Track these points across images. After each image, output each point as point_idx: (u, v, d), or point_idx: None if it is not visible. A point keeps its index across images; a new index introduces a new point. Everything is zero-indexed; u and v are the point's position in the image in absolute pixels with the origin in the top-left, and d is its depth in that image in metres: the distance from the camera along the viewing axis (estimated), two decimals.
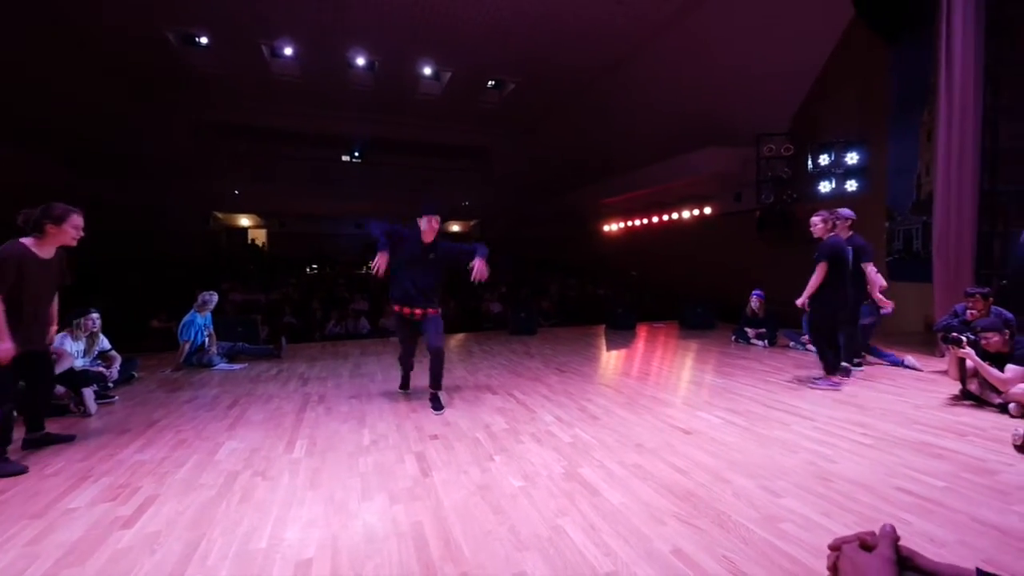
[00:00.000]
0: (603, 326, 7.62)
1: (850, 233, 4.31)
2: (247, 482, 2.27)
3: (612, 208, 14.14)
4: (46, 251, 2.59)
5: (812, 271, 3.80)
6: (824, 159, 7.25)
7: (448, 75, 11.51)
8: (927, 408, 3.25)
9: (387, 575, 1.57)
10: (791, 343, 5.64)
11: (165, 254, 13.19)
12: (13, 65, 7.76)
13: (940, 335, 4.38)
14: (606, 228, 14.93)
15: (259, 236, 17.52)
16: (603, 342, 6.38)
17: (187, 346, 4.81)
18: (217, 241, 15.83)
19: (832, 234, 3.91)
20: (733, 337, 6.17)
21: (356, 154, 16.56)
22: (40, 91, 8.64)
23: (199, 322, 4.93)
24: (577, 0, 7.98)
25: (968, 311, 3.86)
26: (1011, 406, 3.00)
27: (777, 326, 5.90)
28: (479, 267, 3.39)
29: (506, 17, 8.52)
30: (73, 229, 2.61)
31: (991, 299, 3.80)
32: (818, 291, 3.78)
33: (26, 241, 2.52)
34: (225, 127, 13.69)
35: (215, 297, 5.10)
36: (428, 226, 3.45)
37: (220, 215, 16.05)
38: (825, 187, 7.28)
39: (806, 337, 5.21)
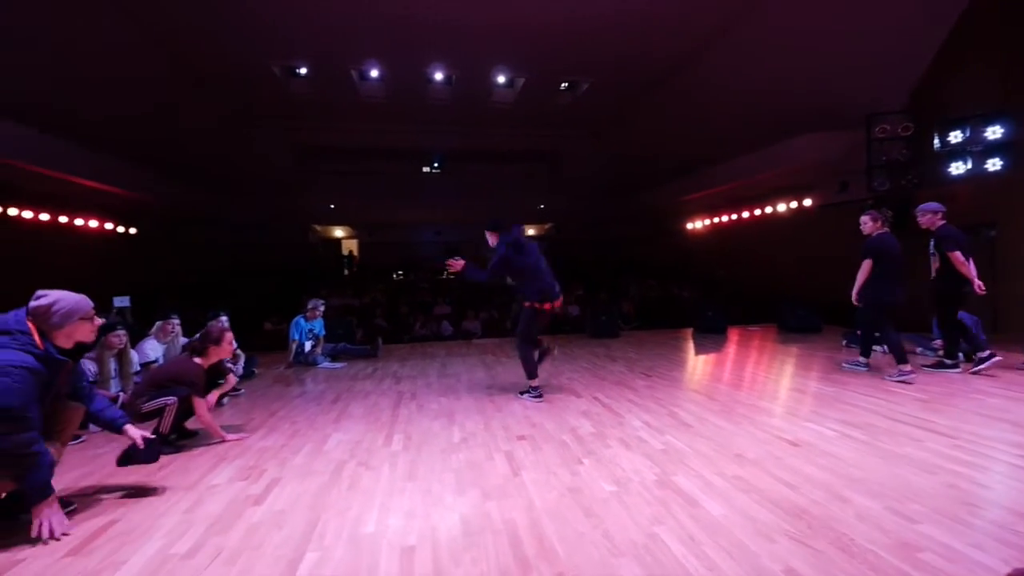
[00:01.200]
0: (690, 329, 7.24)
1: (942, 222, 4.14)
2: (353, 471, 2.47)
3: (694, 205, 13.42)
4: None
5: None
6: (956, 136, 6.29)
7: (521, 81, 11.69)
8: None
9: (484, 568, 1.62)
10: (918, 349, 4.95)
11: (271, 264, 14.80)
12: (160, 107, 9.19)
13: None
14: (689, 226, 14.20)
15: (351, 246, 19.00)
16: (691, 346, 6.07)
17: (295, 346, 5.36)
18: (315, 251, 17.43)
19: (881, 231, 4.19)
20: (844, 341, 5.56)
21: (435, 165, 17.37)
22: (173, 127, 10.15)
23: (304, 325, 5.46)
24: None
25: None
26: None
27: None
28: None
29: (578, 18, 8.45)
30: (228, 344, 3.13)
31: None
32: (866, 285, 4.10)
33: (199, 361, 3.04)
34: (320, 147, 15.07)
35: (321, 304, 5.61)
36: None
37: (318, 228, 17.66)
38: (958, 168, 6.31)
39: (938, 342, 4.56)
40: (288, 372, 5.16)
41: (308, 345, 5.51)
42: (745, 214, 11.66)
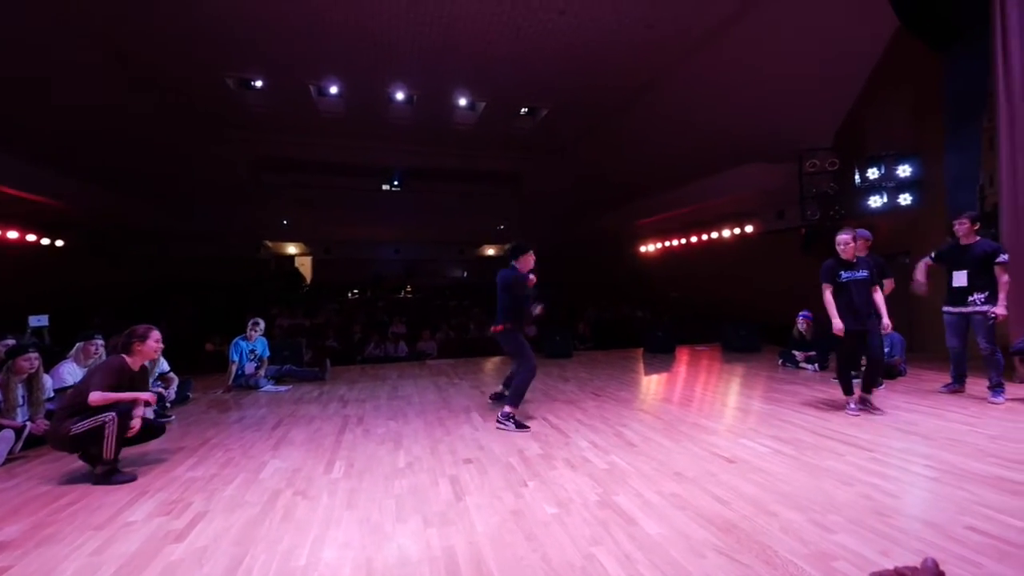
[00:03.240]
0: (641, 349, 7.45)
1: (867, 252, 4.15)
2: (288, 501, 2.35)
3: (649, 229, 13.99)
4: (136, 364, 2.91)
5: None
6: (873, 172, 6.94)
7: (483, 105, 11.93)
8: (1004, 439, 2.96)
9: None
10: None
11: (218, 281, 14.08)
12: (91, 110, 8.67)
13: (1019, 355, 4.03)
14: (643, 249, 14.74)
15: (305, 263, 18.40)
16: (641, 366, 6.23)
17: (234, 368, 5.10)
18: (266, 268, 16.76)
19: (866, 254, 3.90)
20: (780, 360, 5.88)
21: (395, 183, 17.26)
22: (119, 134, 9.60)
23: (244, 346, 5.21)
24: (606, 26, 8.13)
25: None
26: None
27: (828, 349, 5.57)
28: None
29: (537, 47, 8.79)
30: (155, 343, 2.93)
31: None
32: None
33: (126, 358, 2.85)
34: (276, 161, 14.66)
35: (260, 325, 5.37)
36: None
37: (270, 243, 17.03)
38: (876, 201, 6.93)
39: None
40: (227, 396, 4.88)
41: (251, 367, 5.25)
42: (694, 238, 12.26)
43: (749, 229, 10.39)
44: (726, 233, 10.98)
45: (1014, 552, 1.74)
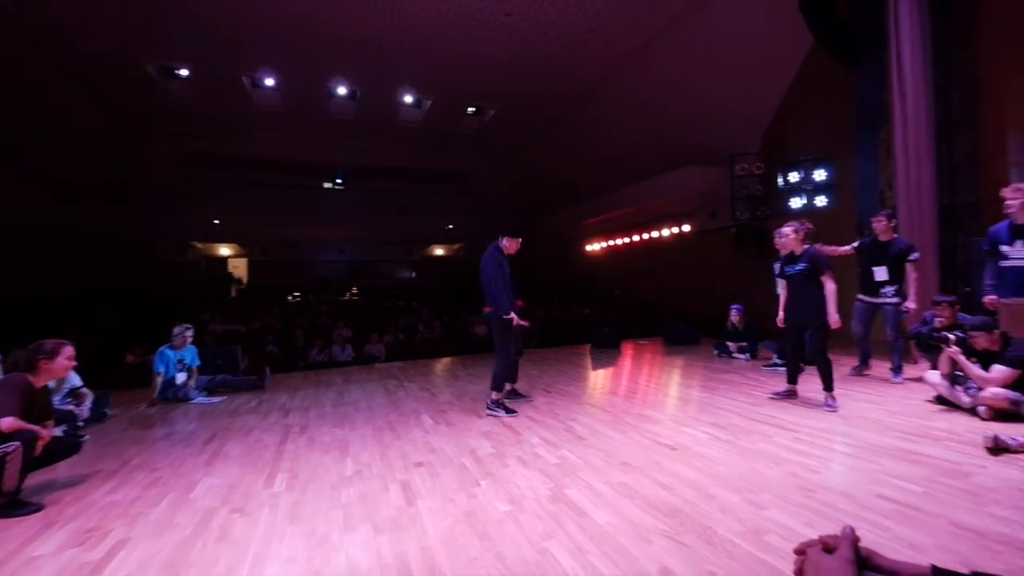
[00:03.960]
0: (588, 346, 7.65)
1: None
2: (224, 520, 2.20)
3: (594, 228, 14.38)
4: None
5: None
6: (794, 176, 7.54)
7: (428, 103, 11.76)
8: (903, 415, 3.32)
9: None
10: (775, 357, 5.73)
11: (142, 285, 12.91)
12: None
13: (914, 341, 4.52)
14: (589, 248, 15.14)
15: (240, 265, 17.29)
16: (589, 361, 6.40)
17: (159, 380, 4.69)
18: (196, 271, 15.56)
19: (808, 245, 3.93)
20: (715, 351, 6.26)
21: (338, 180, 16.62)
22: (19, 118, 8.55)
23: (171, 355, 4.81)
24: (552, 31, 8.29)
25: (936, 319, 3.99)
26: (981, 409, 3.09)
27: (758, 339, 6.00)
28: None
29: (484, 47, 8.79)
30: (66, 360, 2.69)
31: (957, 306, 3.96)
32: (801, 303, 3.80)
33: (29, 376, 2.58)
34: (205, 156, 13.65)
35: (189, 331, 4.98)
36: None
37: (199, 245, 15.84)
38: (796, 203, 7.54)
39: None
40: (151, 411, 4.49)
41: (180, 378, 4.85)
42: (636, 238, 12.75)
43: (686, 229, 10.96)
44: (665, 233, 11.52)
45: (915, 514, 1.96)
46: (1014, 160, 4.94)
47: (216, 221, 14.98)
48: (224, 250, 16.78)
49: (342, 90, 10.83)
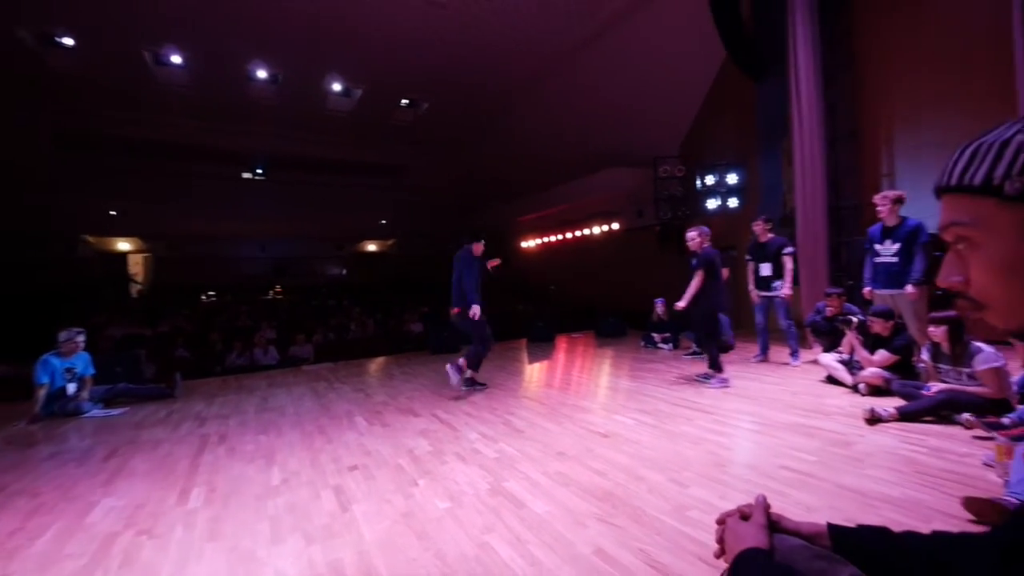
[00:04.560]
0: (524, 340, 7.78)
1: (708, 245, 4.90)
2: (129, 544, 1.99)
3: (528, 225, 14.63)
4: None
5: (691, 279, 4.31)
6: (710, 179, 8.16)
7: (359, 92, 11.28)
8: (802, 394, 3.74)
9: None
10: (694, 346, 6.19)
11: (15, 286, 11.20)
12: None
13: (810, 328, 5.08)
14: (524, 244, 15.37)
15: (142, 262, 15.53)
16: (525, 356, 6.52)
17: (42, 392, 4.11)
18: (88, 269, 13.77)
19: (708, 245, 4.43)
20: (642, 343, 6.63)
21: (259, 171, 15.46)
22: None
23: (57, 364, 4.24)
24: (486, 27, 8.28)
25: (827, 308, 4.53)
26: (861, 386, 3.56)
27: (680, 329, 6.44)
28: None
29: (416, 38, 8.59)
30: None
31: (844, 297, 4.52)
32: (698, 295, 4.24)
33: None
34: (98, 139, 12.08)
35: (80, 336, 4.41)
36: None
37: (92, 239, 14.03)
38: (712, 204, 8.17)
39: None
40: (34, 428, 3.92)
41: (71, 389, 4.28)
42: (569, 235, 13.14)
43: (615, 226, 11.47)
44: (596, 230, 11.98)
45: (810, 480, 2.22)
46: (885, 171, 5.71)
47: (112, 212, 13.34)
48: (123, 245, 14.98)
49: (262, 73, 10.07)
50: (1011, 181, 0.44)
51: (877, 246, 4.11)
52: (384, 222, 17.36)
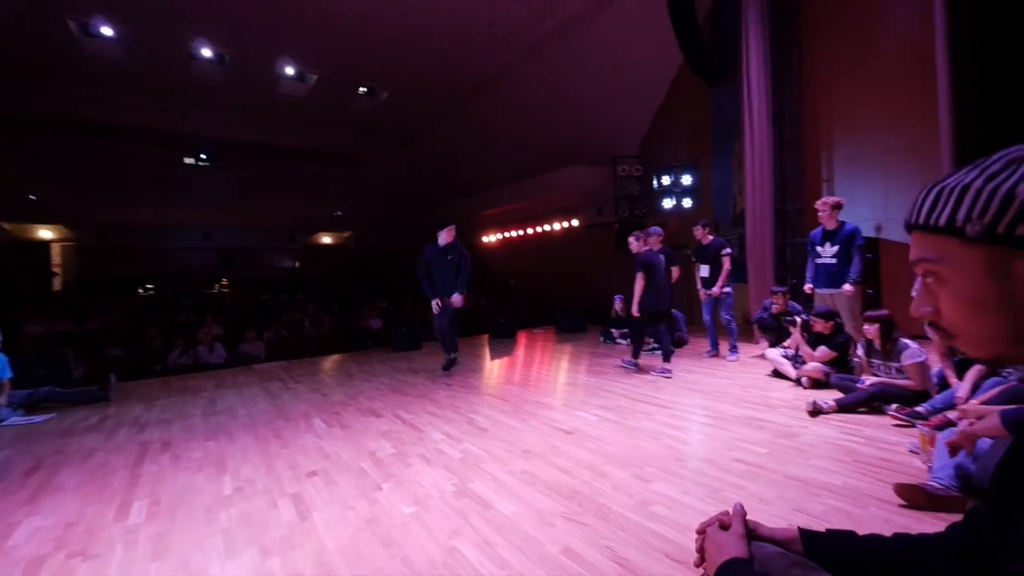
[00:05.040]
0: (486, 336, 7.77)
1: (661, 246, 5.16)
2: (60, 568, 1.82)
3: (489, 220, 14.56)
4: None
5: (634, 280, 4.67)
6: (666, 179, 8.43)
7: (315, 77, 10.79)
8: (750, 388, 3.95)
9: None
10: (652, 341, 6.38)
11: None
12: None
13: (757, 324, 5.37)
14: (485, 239, 15.30)
15: (66, 252, 14.22)
16: (487, 352, 6.51)
17: None
18: (2, 259, 12.46)
19: (646, 248, 4.75)
20: (601, 338, 6.78)
21: (203, 156, 14.50)
22: None
23: None
24: (448, 16, 8.12)
25: (774, 305, 4.81)
26: (803, 380, 3.81)
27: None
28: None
29: (374, 24, 8.30)
30: None
31: (787, 295, 4.81)
32: (646, 294, 4.61)
33: None
34: (13, 116, 10.90)
35: None
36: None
37: (7, 226, 12.70)
38: (667, 203, 8.44)
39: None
40: None
41: None
42: (530, 230, 13.21)
43: (575, 223, 11.64)
44: (556, 226, 12.11)
45: (761, 472, 2.35)
46: (825, 176, 6.11)
47: (32, 197, 12.12)
48: (44, 233, 13.66)
49: (206, 52, 9.43)
50: (972, 224, 0.47)
51: (818, 248, 4.39)
52: (339, 213, 16.77)
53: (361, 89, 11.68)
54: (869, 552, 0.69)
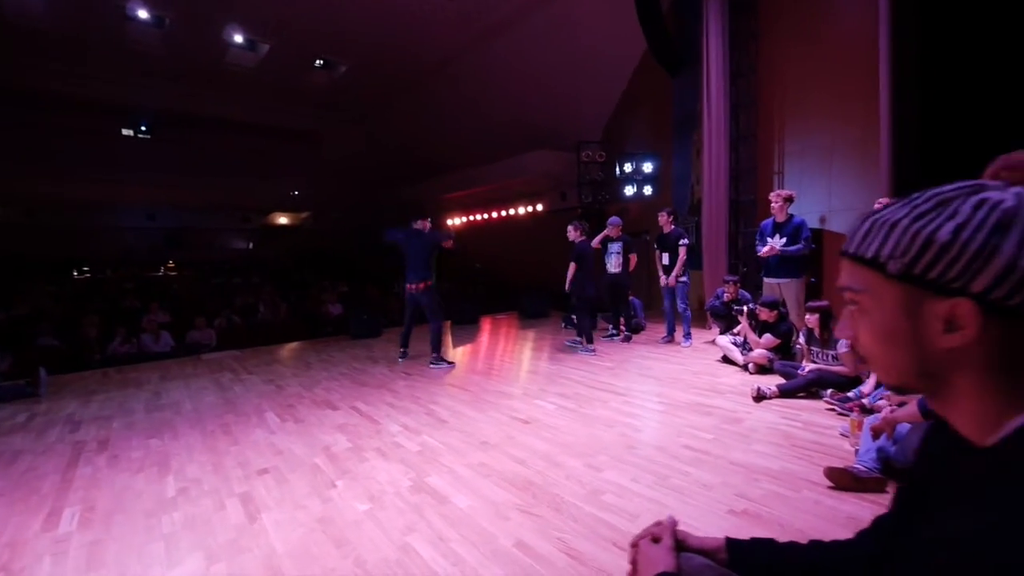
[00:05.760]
0: (448, 322, 7.71)
1: (620, 234, 5.60)
2: None
3: (454, 203, 14.34)
4: None
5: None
6: (628, 167, 8.51)
7: (266, 47, 10.13)
8: (701, 374, 4.13)
9: None
10: (611, 328, 6.52)
11: None
12: None
13: (710, 311, 5.57)
14: (449, 222, 15.07)
15: None
16: (449, 339, 6.47)
17: None
18: None
19: (582, 239, 5.18)
20: (563, 324, 6.88)
21: (143, 128, 13.47)
22: None
23: None
24: None
25: (725, 294, 5.01)
26: (750, 366, 4.01)
27: (596, 311, 6.75)
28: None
29: None
30: None
31: (739, 284, 5.02)
32: (575, 280, 5.16)
33: None
34: None
35: None
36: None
37: None
38: (629, 191, 8.55)
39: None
40: None
41: None
42: (495, 214, 13.11)
43: (539, 208, 11.63)
44: (521, 211, 12.07)
45: (707, 458, 2.46)
46: (776, 169, 6.34)
47: None
48: None
49: (142, 13, 8.66)
50: (893, 261, 0.49)
51: (768, 239, 4.58)
52: (296, 193, 16.06)
53: (318, 62, 11.09)
54: (787, 560, 0.73)
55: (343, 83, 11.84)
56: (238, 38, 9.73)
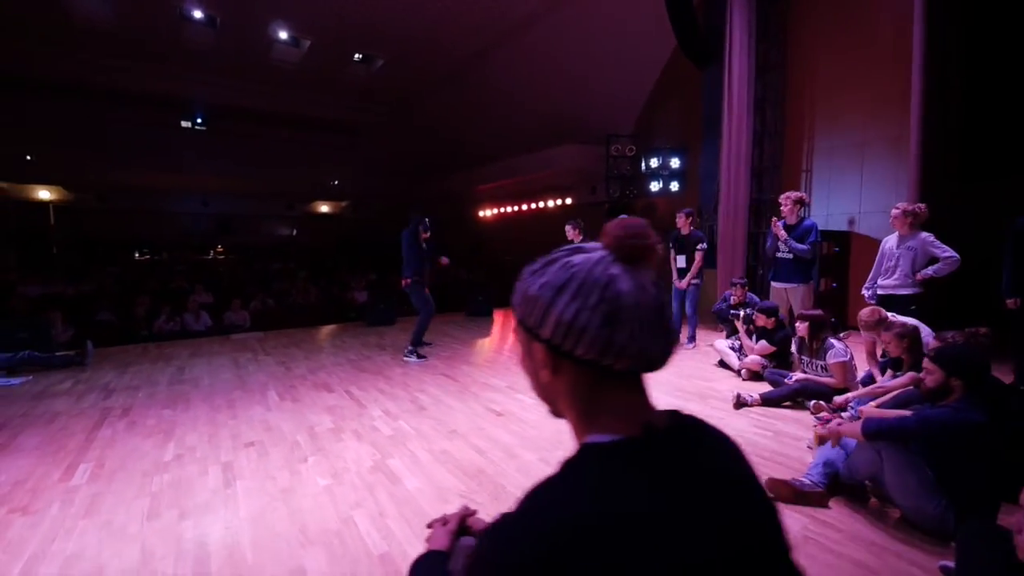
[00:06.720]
0: (462, 314, 7.91)
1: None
2: None
3: (485, 195, 14.51)
4: None
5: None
6: (654, 162, 8.34)
7: (308, 43, 10.63)
8: (692, 378, 4.08)
9: None
10: None
11: None
12: None
13: (715, 314, 5.45)
14: (481, 214, 15.29)
15: (65, 213, 14.43)
16: (459, 331, 6.67)
17: None
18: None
19: (581, 239, 4.97)
20: None
21: (198, 120, 14.46)
22: None
23: None
24: None
25: (732, 296, 4.89)
26: (743, 372, 3.93)
27: None
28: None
29: None
30: None
31: (746, 287, 4.88)
32: None
33: None
34: (12, 79, 10.92)
35: None
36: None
37: (3, 184, 12.89)
38: (654, 186, 8.39)
39: None
40: None
41: None
42: (525, 206, 13.18)
43: (569, 201, 11.60)
44: (551, 204, 12.07)
45: None
46: (804, 167, 6.04)
47: (29, 157, 12.24)
48: (44, 193, 13.85)
49: (197, 13, 9.31)
50: (516, 308, 0.56)
51: (780, 243, 4.42)
52: (336, 182, 16.75)
53: (356, 56, 11.51)
54: None
55: (380, 76, 12.20)
56: (283, 35, 10.25)
